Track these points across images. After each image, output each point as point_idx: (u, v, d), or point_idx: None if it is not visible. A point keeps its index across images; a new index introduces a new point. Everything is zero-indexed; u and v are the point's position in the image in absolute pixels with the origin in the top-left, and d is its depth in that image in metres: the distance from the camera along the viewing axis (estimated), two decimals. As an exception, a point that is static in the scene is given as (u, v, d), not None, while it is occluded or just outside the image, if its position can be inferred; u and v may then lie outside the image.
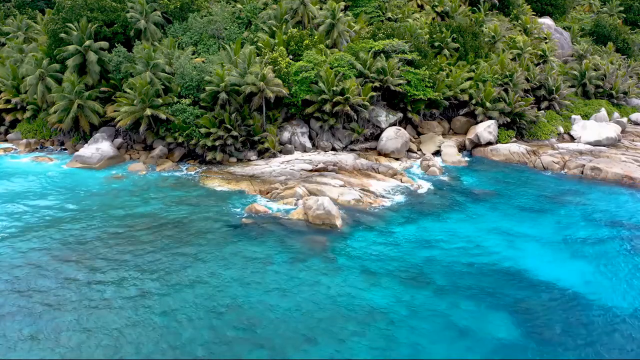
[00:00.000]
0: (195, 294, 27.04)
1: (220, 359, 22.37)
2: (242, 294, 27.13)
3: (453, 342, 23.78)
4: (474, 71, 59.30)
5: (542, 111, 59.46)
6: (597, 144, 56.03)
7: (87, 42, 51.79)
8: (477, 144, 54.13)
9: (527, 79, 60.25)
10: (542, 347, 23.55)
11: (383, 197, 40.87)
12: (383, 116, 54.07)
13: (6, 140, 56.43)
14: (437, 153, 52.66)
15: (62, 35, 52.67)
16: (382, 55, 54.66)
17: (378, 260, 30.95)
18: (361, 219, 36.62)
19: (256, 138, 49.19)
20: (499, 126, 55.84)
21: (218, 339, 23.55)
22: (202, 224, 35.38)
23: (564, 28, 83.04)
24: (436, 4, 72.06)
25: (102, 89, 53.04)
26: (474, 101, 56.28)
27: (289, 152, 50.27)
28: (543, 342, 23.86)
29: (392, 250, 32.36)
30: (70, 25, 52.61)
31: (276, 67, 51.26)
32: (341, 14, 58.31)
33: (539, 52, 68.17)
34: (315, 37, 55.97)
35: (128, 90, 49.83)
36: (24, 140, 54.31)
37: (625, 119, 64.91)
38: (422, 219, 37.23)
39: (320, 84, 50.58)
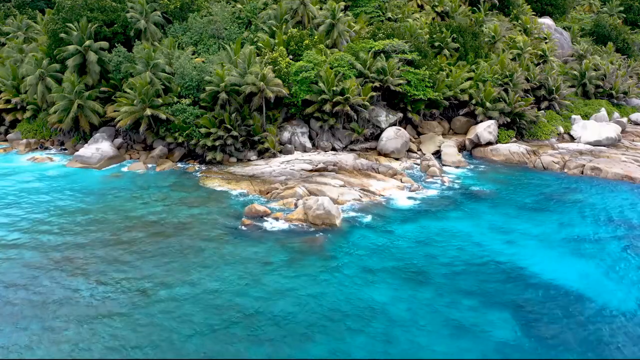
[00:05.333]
0: (195, 293, 27.04)
1: (220, 359, 22.37)
2: (242, 293, 27.13)
3: (453, 340, 23.77)
4: (474, 71, 59.33)
5: (542, 111, 59.51)
6: (597, 144, 56.06)
7: (87, 42, 51.83)
8: (477, 144, 54.12)
9: (527, 79, 60.27)
10: (541, 346, 23.52)
11: (383, 197, 40.88)
12: (383, 116, 54.07)
13: (6, 140, 56.48)
14: (437, 153, 52.66)
15: (62, 35, 52.70)
16: (382, 55, 54.67)
17: (378, 259, 30.97)
18: (361, 219, 36.66)
19: (256, 138, 49.19)
20: (499, 126, 55.87)
21: (218, 338, 23.54)
22: (202, 225, 35.38)
23: (564, 28, 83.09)
24: (436, 4, 72.10)
25: (102, 89, 53.11)
26: (474, 101, 56.31)
27: (289, 152, 50.26)
28: (542, 340, 23.83)
29: (391, 249, 32.38)
30: (70, 25, 52.64)
31: (276, 67, 51.26)
32: (341, 14, 58.34)
33: (539, 52, 68.20)
34: (315, 37, 55.97)
35: (128, 90, 49.85)
36: (24, 140, 54.32)
37: (625, 119, 64.97)
38: (422, 218, 37.26)
39: (320, 84, 50.57)
